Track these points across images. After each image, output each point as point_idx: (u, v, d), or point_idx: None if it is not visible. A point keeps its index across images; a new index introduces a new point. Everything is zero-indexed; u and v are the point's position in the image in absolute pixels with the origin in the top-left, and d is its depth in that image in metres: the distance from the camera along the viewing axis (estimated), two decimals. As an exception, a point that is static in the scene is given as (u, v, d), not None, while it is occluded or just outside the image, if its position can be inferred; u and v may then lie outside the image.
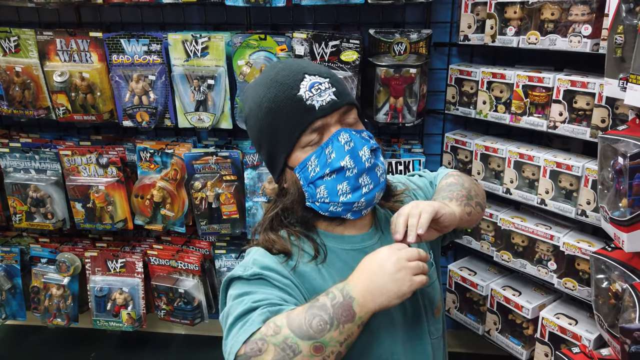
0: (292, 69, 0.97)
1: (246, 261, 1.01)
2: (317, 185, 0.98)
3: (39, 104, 2.27)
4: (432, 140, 2.36)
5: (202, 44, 2.07)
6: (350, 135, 0.96)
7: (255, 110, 0.99)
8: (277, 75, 0.98)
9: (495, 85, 1.99)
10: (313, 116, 0.94)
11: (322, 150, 0.96)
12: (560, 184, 1.82)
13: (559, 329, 1.83)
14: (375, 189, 0.99)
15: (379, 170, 0.99)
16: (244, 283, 0.95)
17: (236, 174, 2.22)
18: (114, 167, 2.28)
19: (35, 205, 2.36)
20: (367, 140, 0.99)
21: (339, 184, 0.96)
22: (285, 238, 1.03)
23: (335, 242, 1.04)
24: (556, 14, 1.75)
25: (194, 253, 2.41)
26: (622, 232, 1.37)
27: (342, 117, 0.98)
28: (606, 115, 1.67)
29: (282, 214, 1.05)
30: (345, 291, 0.87)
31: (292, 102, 0.94)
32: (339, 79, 1.00)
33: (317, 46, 2.01)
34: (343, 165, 0.95)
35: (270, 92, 0.96)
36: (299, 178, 0.99)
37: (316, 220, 1.04)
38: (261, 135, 1.01)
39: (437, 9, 2.18)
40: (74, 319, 2.55)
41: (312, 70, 0.97)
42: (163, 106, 2.19)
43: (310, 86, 0.95)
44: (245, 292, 0.92)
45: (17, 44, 2.20)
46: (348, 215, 1.01)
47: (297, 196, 1.01)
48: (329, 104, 0.95)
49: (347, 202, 0.97)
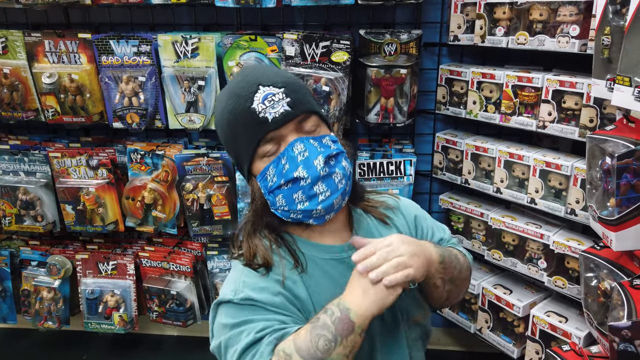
0: (247, 80, 0.98)
1: (235, 281, 1.01)
2: (275, 195, 0.99)
3: (28, 105, 2.24)
4: (423, 140, 2.37)
5: (192, 45, 2.07)
6: (305, 145, 0.96)
7: (219, 120, 1.03)
8: (235, 87, 0.99)
9: (485, 85, 2.00)
10: (266, 128, 0.95)
11: (279, 161, 0.97)
12: (549, 183, 1.84)
13: (550, 327, 1.85)
14: (333, 196, 0.98)
15: (336, 176, 0.98)
16: (237, 309, 0.96)
17: (227, 175, 2.22)
18: (104, 169, 2.27)
19: (25, 207, 2.34)
20: (326, 146, 0.99)
21: (294, 193, 0.97)
22: (267, 246, 1.04)
23: (314, 250, 1.05)
24: (545, 15, 1.76)
25: (186, 254, 2.40)
26: (610, 231, 1.38)
27: (299, 126, 0.98)
28: (594, 115, 1.68)
29: (254, 219, 1.06)
30: (341, 305, 0.90)
31: (246, 114, 0.96)
32: (296, 88, 0.99)
33: (307, 47, 2.01)
34: (296, 176, 0.96)
35: (229, 104, 0.98)
36: (260, 187, 1.02)
37: (284, 225, 1.05)
38: (226, 144, 1.05)
39: (427, 9, 2.19)
40: (65, 321, 2.53)
41: (267, 81, 0.97)
42: (153, 107, 2.18)
43: (264, 98, 0.95)
44: (243, 321, 0.94)
45: (5, 46, 2.17)
46: (310, 221, 1.01)
47: (260, 204, 1.04)
48: (282, 115, 0.95)
49: (305, 209, 0.98)
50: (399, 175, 2.18)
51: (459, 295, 1.20)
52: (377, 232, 1.13)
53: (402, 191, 2.20)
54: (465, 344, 2.58)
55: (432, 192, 2.43)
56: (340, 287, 0.99)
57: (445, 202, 2.27)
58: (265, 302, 0.95)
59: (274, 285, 0.99)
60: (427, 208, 2.46)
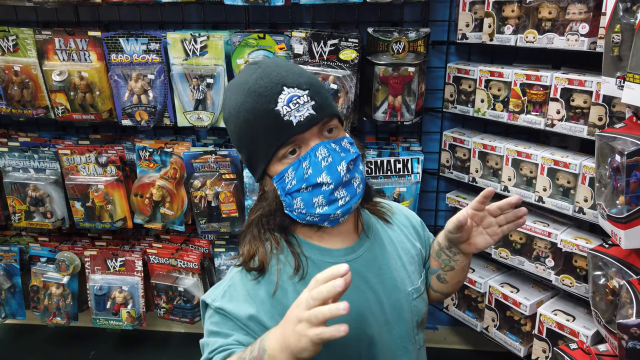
0: (270, 79, 0.94)
1: (219, 286, 1.03)
2: (293, 197, 0.97)
3: (38, 103, 2.27)
4: (431, 139, 2.37)
5: (201, 43, 2.08)
6: (328, 150, 0.94)
7: (234, 117, 0.98)
8: (255, 84, 0.94)
9: (493, 83, 2.00)
10: (290, 132, 0.92)
11: (300, 164, 0.95)
12: (557, 182, 1.84)
13: (557, 326, 1.84)
14: (352, 201, 0.98)
15: (355, 181, 0.98)
16: (212, 314, 1.00)
17: (235, 173, 2.23)
18: (113, 166, 2.29)
19: (35, 204, 2.36)
20: (347, 151, 0.98)
21: (314, 197, 0.95)
22: (268, 250, 1.02)
23: (319, 254, 1.03)
24: (553, 13, 1.76)
25: (194, 251, 2.41)
26: (619, 229, 1.38)
27: (322, 129, 0.96)
28: (603, 113, 1.68)
29: (262, 218, 1.04)
30: (262, 343, 0.85)
31: (269, 116, 0.92)
32: (319, 89, 0.97)
33: (315, 45, 2.01)
34: (320, 182, 0.94)
35: (248, 102, 0.94)
36: (276, 187, 0.99)
37: (295, 226, 1.04)
38: (241, 142, 1.00)
39: (435, 7, 2.19)
40: (74, 317, 2.55)
41: (291, 82, 0.93)
42: (162, 105, 2.20)
43: (288, 100, 0.92)
44: (210, 332, 0.98)
45: (16, 43, 2.19)
46: (325, 224, 1.00)
47: (274, 204, 1.01)
48: (307, 119, 0.92)
49: (323, 213, 0.97)
50: (406, 173, 2.18)
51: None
52: (385, 232, 1.13)
53: (410, 189, 2.20)
54: (471, 342, 2.58)
55: (439, 191, 2.43)
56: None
57: (453, 201, 2.27)
58: (234, 316, 0.97)
59: (262, 294, 0.99)
60: (434, 206, 2.46)
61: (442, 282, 1.17)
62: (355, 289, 1.02)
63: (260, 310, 0.97)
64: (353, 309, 0.99)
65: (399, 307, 1.05)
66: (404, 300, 1.07)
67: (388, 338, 1.04)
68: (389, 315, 1.04)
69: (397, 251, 1.12)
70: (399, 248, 1.13)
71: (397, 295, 1.06)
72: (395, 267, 1.09)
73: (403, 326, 1.07)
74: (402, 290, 1.07)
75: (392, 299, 1.05)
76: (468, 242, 1.05)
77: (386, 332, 1.04)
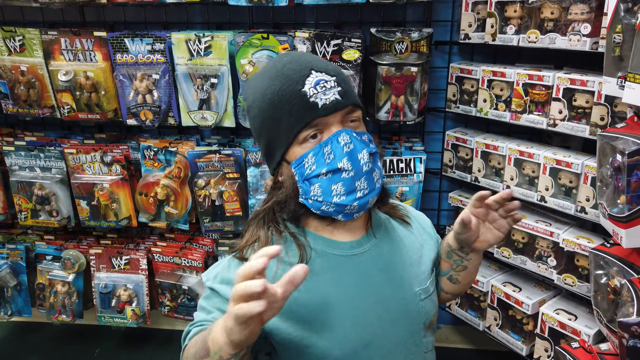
0: (299, 63, 0.95)
1: (214, 268, 1.06)
2: (312, 183, 0.96)
3: (44, 102, 2.29)
4: (433, 138, 2.38)
5: (205, 43, 2.09)
6: (350, 137, 0.94)
7: (259, 101, 0.97)
8: (283, 67, 0.95)
9: (496, 83, 2.01)
10: (315, 114, 0.92)
11: (321, 149, 0.94)
12: (560, 181, 1.84)
13: (559, 325, 1.85)
14: (370, 194, 0.97)
15: (375, 175, 0.98)
16: (205, 291, 1.04)
17: (239, 172, 2.24)
18: (118, 165, 2.31)
19: (41, 203, 2.38)
20: (367, 143, 0.97)
21: (334, 184, 0.94)
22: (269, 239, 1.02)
23: (324, 245, 1.03)
24: (556, 13, 1.76)
25: (198, 250, 2.43)
26: (620, 228, 1.38)
27: (345, 118, 0.96)
28: (605, 113, 1.68)
29: (275, 208, 1.03)
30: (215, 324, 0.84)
31: (295, 97, 0.92)
32: (345, 79, 0.98)
33: (319, 45, 2.03)
34: (340, 167, 0.93)
35: (275, 84, 0.94)
36: (294, 173, 0.98)
37: (307, 217, 1.03)
38: (262, 127, 0.99)
39: (437, 7, 2.20)
40: (79, 315, 2.58)
41: (319, 67, 0.95)
42: (167, 105, 2.21)
43: (316, 83, 0.92)
44: (199, 307, 1.02)
45: (22, 44, 2.22)
46: (339, 217, 0.99)
47: (291, 191, 0.99)
48: (333, 103, 0.92)
49: (340, 203, 0.96)
50: (409, 173, 2.19)
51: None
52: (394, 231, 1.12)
53: (412, 189, 2.21)
54: (474, 341, 2.58)
55: (442, 190, 2.44)
56: (344, 283, 1.00)
57: (455, 200, 2.27)
58: (224, 295, 0.98)
59: None
60: (437, 206, 2.47)
61: (454, 283, 1.16)
62: (353, 285, 1.01)
63: None
64: (349, 307, 1.00)
65: (404, 307, 1.04)
66: (411, 300, 1.05)
67: (389, 337, 1.02)
68: (394, 314, 1.03)
69: (407, 251, 1.10)
70: (409, 248, 1.11)
71: (404, 295, 1.05)
72: (403, 266, 1.07)
73: (407, 326, 1.05)
74: (409, 290, 1.06)
75: (397, 297, 1.04)
76: (479, 240, 1.05)
77: (388, 332, 1.02)
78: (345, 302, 0.99)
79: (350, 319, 0.99)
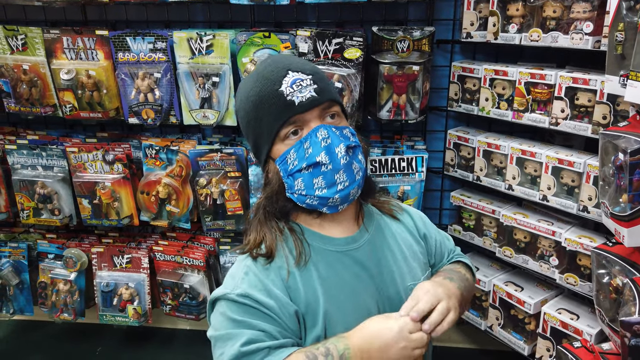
0: (277, 65, 1.01)
1: (234, 276, 1.02)
2: (295, 178, 1.01)
3: (46, 101, 2.29)
4: (435, 137, 2.37)
5: (206, 42, 2.09)
6: (328, 132, 0.98)
7: (244, 103, 1.04)
8: (264, 70, 1.02)
9: (498, 82, 2.00)
10: (292, 111, 0.97)
11: (301, 145, 0.99)
12: (562, 180, 1.84)
13: (561, 324, 1.85)
14: (351, 187, 1.01)
15: (355, 167, 1.01)
16: (230, 304, 0.98)
17: (240, 171, 2.24)
18: (119, 164, 2.31)
19: (43, 201, 2.39)
20: (346, 137, 1.01)
21: (315, 177, 0.99)
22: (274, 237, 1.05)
23: (321, 242, 1.06)
24: (558, 12, 1.76)
25: (199, 249, 2.43)
26: (622, 227, 1.38)
27: (323, 113, 1.01)
28: (607, 111, 1.68)
29: (266, 203, 1.08)
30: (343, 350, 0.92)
31: (274, 96, 0.98)
32: (322, 77, 1.03)
33: (320, 44, 2.02)
34: (319, 161, 0.97)
35: (257, 86, 1.00)
36: (279, 169, 1.03)
37: (295, 212, 1.07)
38: (248, 127, 1.05)
39: (439, 6, 2.19)
40: (81, 313, 2.58)
41: (296, 67, 1.00)
42: (168, 103, 2.21)
43: (292, 82, 0.98)
44: (234, 321, 0.96)
45: (25, 42, 2.22)
46: (324, 209, 1.03)
47: (277, 186, 1.04)
48: (309, 100, 0.98)
49: (322, 196, 1.00)
50: (411, 171, 2.19)
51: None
52: (387, 226, 1.15)
53: (414, 188, 2.20)
54: (475, 341, 2.58)
55: (444, 189, 2.44)
56: (342, 280, 1.02)
57: (457, 199, 2.27)
58: (259, 301, 0.96)
59: (275, 279, 1.00)
60: (439, 205, 2.47)
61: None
62: (354, 276, 1.04)
63: (277, 297, 0.98)
64: (354, 296, 1.03)
65: (396, 301, 1.06)
66: (403, 294, 1.07)
67: None
68: (387, 308, 1.06)
69: (398, 246, 1.13)
70: (402, 243, 1.14)
71: (396, 289, 1.08)
72: (395, 261, 1.10)
73: None
74: (401, 284, 1.09)
75: (389, 292, 1.07)
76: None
77: None
78: (342, 296, 1.02)
79: (347, 313, 1.01)
